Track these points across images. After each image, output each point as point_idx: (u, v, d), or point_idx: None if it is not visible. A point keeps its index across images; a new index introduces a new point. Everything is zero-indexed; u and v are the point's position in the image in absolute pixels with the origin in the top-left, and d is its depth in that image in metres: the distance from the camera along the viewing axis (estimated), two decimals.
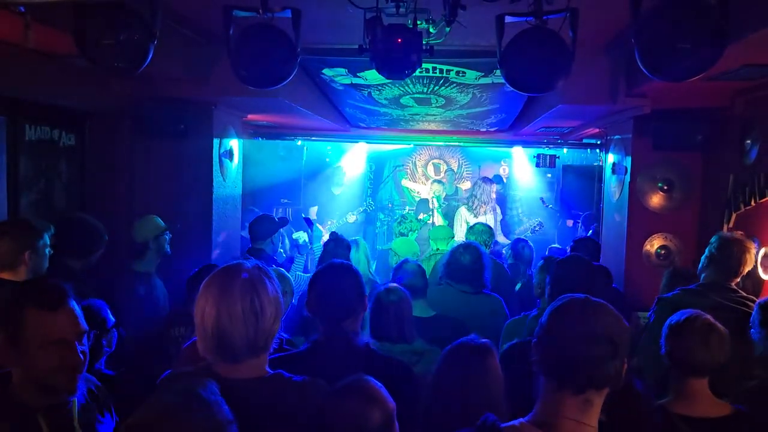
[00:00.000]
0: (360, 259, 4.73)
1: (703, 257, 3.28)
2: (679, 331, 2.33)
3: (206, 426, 1.28)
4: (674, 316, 2.40)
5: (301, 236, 6.60)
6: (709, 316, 2.33)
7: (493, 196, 7.74)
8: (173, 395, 1.31)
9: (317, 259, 4.94)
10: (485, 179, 7.88)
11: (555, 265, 2.88)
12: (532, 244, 5.72)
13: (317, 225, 7.59)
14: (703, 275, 3.25)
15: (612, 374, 1.42)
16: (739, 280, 3.20)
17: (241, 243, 5.56)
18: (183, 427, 1.25)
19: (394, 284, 2.96)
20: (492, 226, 5.96)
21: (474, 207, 7.60)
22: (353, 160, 9.03)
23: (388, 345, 2.66)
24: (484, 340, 2.17)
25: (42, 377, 1.72)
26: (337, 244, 4.47)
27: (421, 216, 8.22)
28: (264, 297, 1.67)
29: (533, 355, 1.52)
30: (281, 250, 5.69)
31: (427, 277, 3.54)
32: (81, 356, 1.75)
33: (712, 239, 3.30)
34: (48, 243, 3.10)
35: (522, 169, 8.89)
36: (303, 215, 7.47)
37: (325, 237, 6.79)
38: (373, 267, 5.36)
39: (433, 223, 8.05)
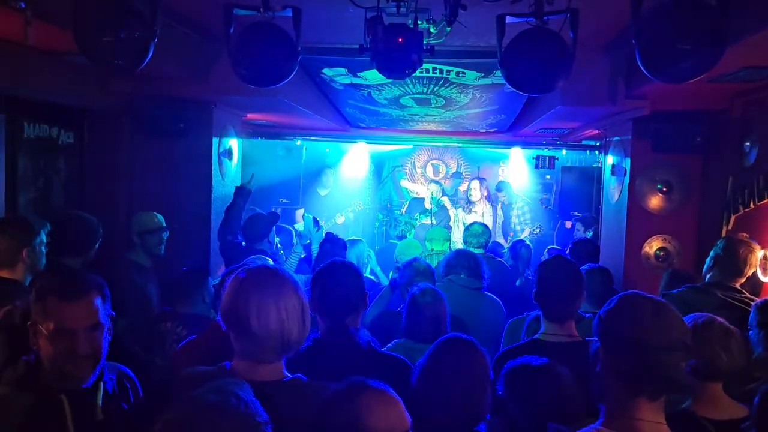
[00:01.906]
0: (350, 259, 4.72)
1: (708, 258, 3.28)
2: (696, 338, 2.26)
3: (244, 425, 1.28)
4: (686, 320, 2.34)
5: (299, 227, 6.60)
6: (722, 320, 2.27)
7: (485, 192, 7.77)
8: (210, 393, 1.32)
9: (314, 261, 4.93)
10: (479, 178, 7.94)
11: (538, 268, 2.86)
12: (529, 243, 5.74)
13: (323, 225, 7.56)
14: (708, 276, 3.25)
15: (686, 375, 1.43)
16: (744, 280, 3.20)
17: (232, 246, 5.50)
18: (221, 425, 1.26)
19: (429, 286, 3.01)
20: (488, 225, 6.00)
21: (467, 208, 7.66)
22: (349, 160, 9.01)
23: (425, 347, 2.68)
24: (468, 337, 2.19)
25: (54, 362, 1.83)
26: (333, 244, 4.47)
27: (416, 215, 8.21)
28: (303, 295, 1.72)
29: (599, 359, 1.50)
30: (282, 252, 5.67)
31: None
32: (87, 348, 1.82)
33: (718, 241, 3.31)
34: (45, 241, 3.09)
35: (518, 172, 8.86)
36: (311, 215, 7.43)
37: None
38: (368, 270, 5.34)
39: (432, 223, 8.06)
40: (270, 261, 2.93)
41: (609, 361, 1.47)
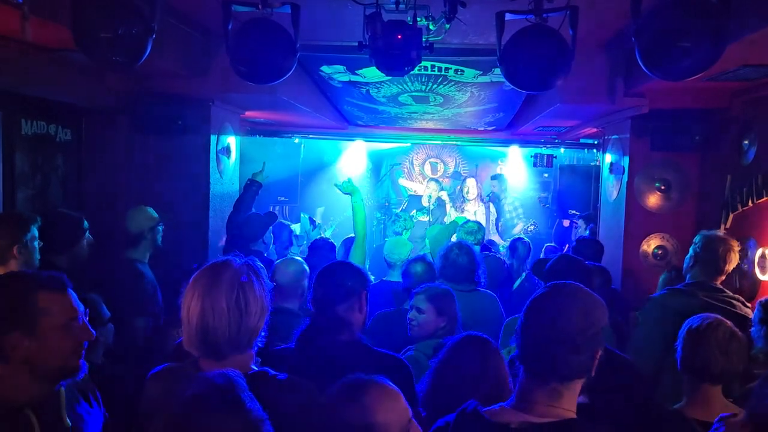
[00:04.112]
0: (339, 258, 4.74)
1: (687, 257, 3.25)
2: (698, 338, 2.25)
3: (243, 423, 1.29)
4: (693, 321, 2.32)
5: (296, 228, 6.59)
6: (730, 323, 2.27)
7: (477, 191, 7.78)
8: (205, 390, 1.32)
9: None
10: (475, 176, 7.96)
11: (547, 268, 2.87)
12: (527, 240, 5.75)
13: (319, 223, 7.58)
14: (688, 275, 3.22)
15: (575, 367, 1.49)
16: (724, 278, 3.17)
17: (233, 242, 5.49)
18: (220, 424, 1.27)
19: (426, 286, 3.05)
20: (482, 223, 6.01)
21: (459, 206, 7.68)
22: (355, 158, 9.01)
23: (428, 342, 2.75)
24: (483, 335, 2.18)
25: (54, 361, 1.70)
26: (321, 250, 4.49)
27: (413, 212, 8.21)
28: (250, 294, 1.71)
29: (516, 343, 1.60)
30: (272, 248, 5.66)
31: None
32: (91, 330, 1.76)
33: (696, 238, 3.25)
34: (36, 236, 3.06)
35: (516, 170, 8.86)
36: (307, 215, 7.44)
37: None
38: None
39: (429, 221, 8.07)
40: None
41: (517, 345, 1.59)
